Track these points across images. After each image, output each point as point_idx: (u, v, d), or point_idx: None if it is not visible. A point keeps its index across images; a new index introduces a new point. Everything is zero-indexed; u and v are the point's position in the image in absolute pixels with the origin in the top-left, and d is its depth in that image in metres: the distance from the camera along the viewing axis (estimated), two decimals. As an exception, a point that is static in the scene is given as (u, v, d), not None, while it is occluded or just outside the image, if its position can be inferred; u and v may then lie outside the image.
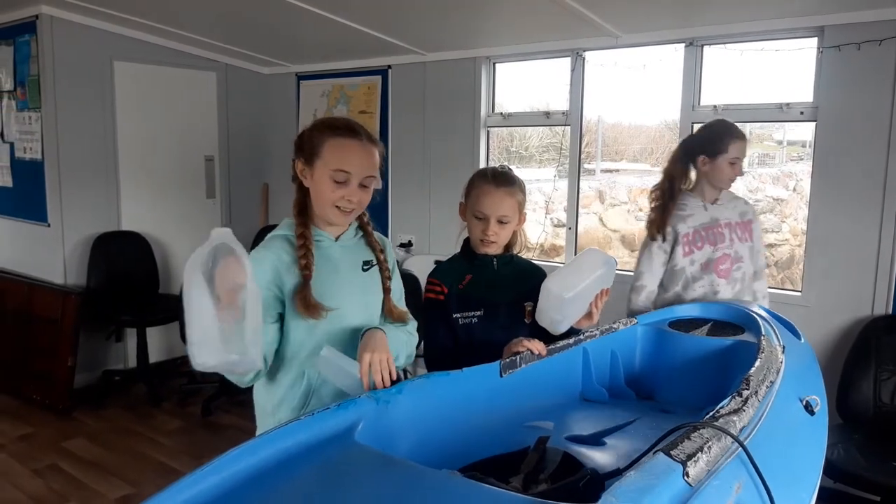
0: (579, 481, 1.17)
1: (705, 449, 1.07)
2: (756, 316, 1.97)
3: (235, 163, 5.27)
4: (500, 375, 1.56)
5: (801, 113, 3.20)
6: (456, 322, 1.84)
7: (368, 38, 3.95)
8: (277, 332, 1.61)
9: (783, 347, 1.70)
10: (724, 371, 1.78)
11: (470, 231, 1.90)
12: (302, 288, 1.55)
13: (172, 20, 4.22)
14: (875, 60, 2.91)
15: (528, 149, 8.42)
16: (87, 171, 4.45)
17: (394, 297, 1.73)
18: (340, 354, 1.47)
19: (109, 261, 4.47)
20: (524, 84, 4.53)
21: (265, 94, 5.34)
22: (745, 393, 1.34)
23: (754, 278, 2.58)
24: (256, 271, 1.59)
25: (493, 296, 1.86)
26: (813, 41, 3.12)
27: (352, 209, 1.59)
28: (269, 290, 1.58)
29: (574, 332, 1.80)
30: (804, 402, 1.56)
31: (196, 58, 4.90)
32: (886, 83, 2.91)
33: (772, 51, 3.23)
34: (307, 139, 1.60)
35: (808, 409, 1.56)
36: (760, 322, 1.88)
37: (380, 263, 1.70)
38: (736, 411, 1.26)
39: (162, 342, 4.79)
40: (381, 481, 1.13)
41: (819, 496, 1.44)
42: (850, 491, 2.64)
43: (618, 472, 1.18)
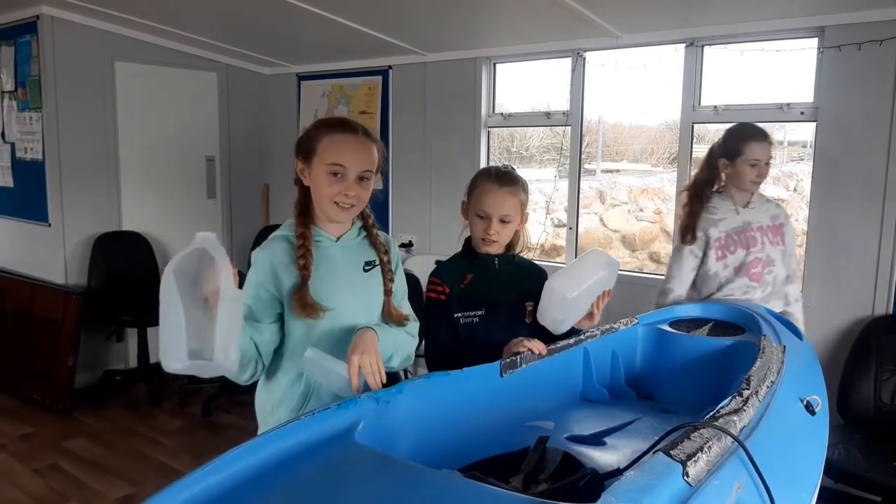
0: (579, 481, 1.17)
1: (705, 449, 1.07)
2: (757, 316, 1.97)
3: (236, 163, 5.27)
4: (501, 375, 1.56)
5: (802, 113, 3.20)
6: (457, 322, 1.84)
7: (369, 39, 3.95)
8: (277, 331, 1.61)
9: (784, 347, 1.70)
10: (725, 371, 1.78)
11: (472, 230, 1.90)
12: (299, 288, 1.55)
13: (173, 20, 4.23)
14: (876, 61, 2.91)
15: (529, 149, 8.43)
16: (88, 172, 4.45)
17: (395, 298, 1.72)
18: (326, 355, 1.46)
19: (110, 261, 4.47)
20: (525, 84, 4.53)
21: (266, 95, 5.34)
22: (746, 393, 1.34)
23: (786, 282, 2.57)
24: (255, 271, 1.60)
25: (495, 295, 1.86)
26: (813, 41, 3.12)
27: (350, 205, 1.59)
28: (268, 291, 1.58)
29: (575, 332, 1.80)
30: (805, 402, 1.56)
31: (197, 58, 4.90)
32: (887, 83, 2.91)
33: (772, 51, 3.23)
34: (305, 139, 1.62)
35: (809, 409, 1.56)
36: (761, 322, 1.88)
37: (382, 265, 1.69)
38: (736, 411, 1.26)
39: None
40: (381, 481, 1.13)
41: (819, 496, 1.44)
42: (851, 491, 2.64)
43: (618, 471, 1.18)
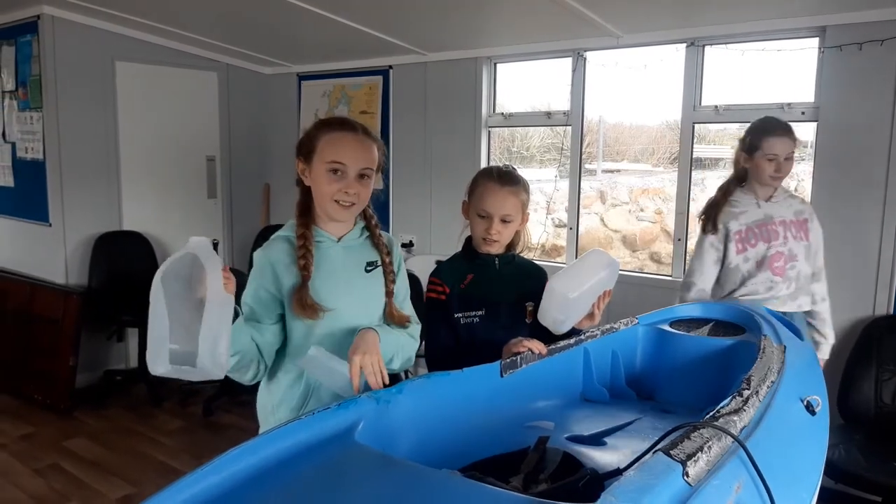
0: (579, 481, 1.17)
1: (705, 449, 1.07)
2: (757, 316, 1.97)
3: (237, 163, 5.27)
4: (501, 375, 1.56)
5: (803, 113, 3.20)
6: (457, 322, 1.84)
7: (369, 39, 3.95)
8: (279, 332, 1.61)
9: (784, 347, 1.70)
10: (725, 371, 1.78)
11: (472, 230, 1.90)
12: (300, 288, 1.55)
13: (173, 20, 4.23)
14: (876, 61, 2.91)
15: (530, 149, 8.42)
16: (89, 171, 4.46)
17: (397, 300, 1.72)
18: (330, 354, 1.46)
19: (111, 261, 4.48)
20: (525, 84, 4.52)
21: (266, 94, 5.34)
22: (746, 393, 1.34)
23: (812, 280, 2.56)
24: (256, 272, 1.60)
25: (495, 295, 1.86)
26: (814, 41, 3.12)
27: (351, 203, 1.59)
28: (268, 291, 1.58)
29: (575, 332, 1.79)
30: (805, 403, 1.55)
31: (197, 58, 4.90)
32: (888, 83, 2.91)
33: (773, 51, 3.23)
34: (305, 139, 1.62)
35: (809, 409, 1.55)
36: (761, 322, 1.88)
37: (384, 265, 1.69)
38: (736, 411, 1.25)
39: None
40: (381, 481, 1.13)
41: (820, 497, 1.44)
42: (851, 491, 2.64)
43: (617, 471, 1.18)
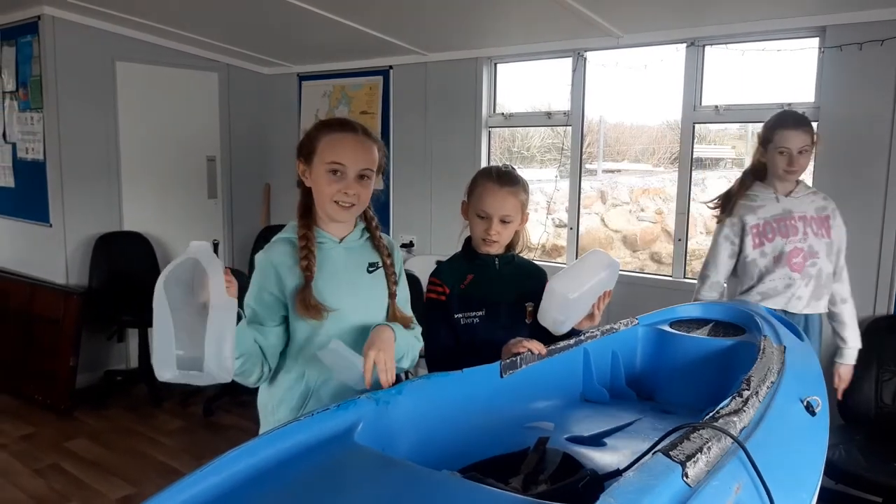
0: (579, 482, 1.17)
1: (705, 449, 1.07)
2: (757, 316, 1.97)
3: (237, 163, 5.28)
4: (501, 376, 1.56)
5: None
6: (458, 322, 1.84)
7: (370, 39, 3.95)
8: (282, 334, 1.62)
9: (784, 348, 1.70)
10: (725, 372, 1.77)
11: (472, 230, 1.89)
12: (303, 289, 1.56)
13: (174, 20, 4.23)
14: (877, 61, 2.91)
15: (530, 149, 8.42)
16: (89, 172, 4.46)
17: (399, 303, 1.72)
18: (348, 349, 1.48)
19: (111, 261, 4.48)
20: (526, 84, 4.53)
21: (267, 95, 5.34)
22: (746, 393, 1.34)
23: (833, 280, 2.50)
24: (258, 275, 1.60)
25: (495, 296, 1.86)
26: (814, 41, 3.12)
27: (350, 203, 1.59)
28: (272, 294, 1.59)
29: (575, 332, 1.79)
30: (805, 403, 1.55)
31: (197, 58, 4.90)
32: (888, 83, 2.91)
33: (773, 51, 3.23)
34: (306, 140, 1.63)
35: (809, 409, 1.55)
36: (761, 322, 1.88)
37: (386, 268, 1.69)
38: (736, 412, 1.25)
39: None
40: (381, 482, 1.13)
41: (820, 497, 1.44)
42: (852, 492, 2.63)
43: (617, 472, 1.18)
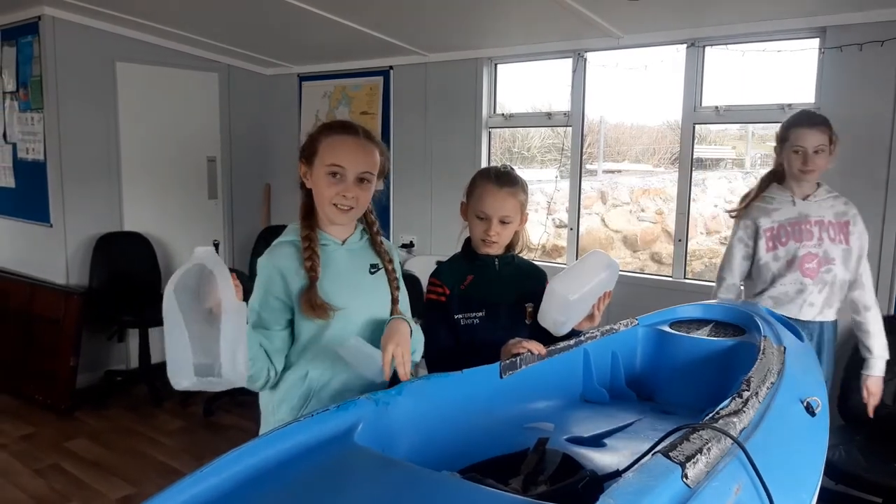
0: (578, 483, 1.17)
1: (704, 450, 1.07)
2: (757, 317, 1.97)
3: (237, 163, 5.28)
4: (501, 377, 1.56)
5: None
6: (458, 323, 1.84)
7: (370, 39, 3.95)
8: (287, 338, 1.62)
9: (784, 348, 1.70)
10: (725, 372, 1.77)
11: (471, 231, 1.90)
12: (308, 289, 1.56)
13: (174, 21, 4.23)
14: (877, 61, 2.91)
15: (530, 149, 8.43)
16: (90, 172, 4.46)
17: (401, 308, 1.73)
18: (367, 343, 1.51)
19: (112, 261, 4.48)
20: (526, 85, 4.53)
21: (267, 95, 5.35)
22: (746, 394, 1.34)
23: (853, 287, 2.44)
24: (262, 279, 1.60)
25: (495, 296, 1.86)
26: (815, 42, 3.12)
27: (349, 206, 1.60)
28: (277, 298, 1.59)
29: (575, 333, 1.79)
30: (805, 404, 1.55)
31: (198, 59, 4.90)
32: (888, 84, 2.91)
33: (773, 51, 3.23)
34: (308, 142, 1.63)
35: (809, 410, 1.55)
36: (761, 323, 1.87)
37: (388, 273, 1.71)
38: (736, 412, 1.25)
39: (164, 343, 4.78)
40: (381, 482, 1.13)
41: (820, 497, 1.44)
42: (852, 492, 2.63)
43: (617, 473, 1.18)
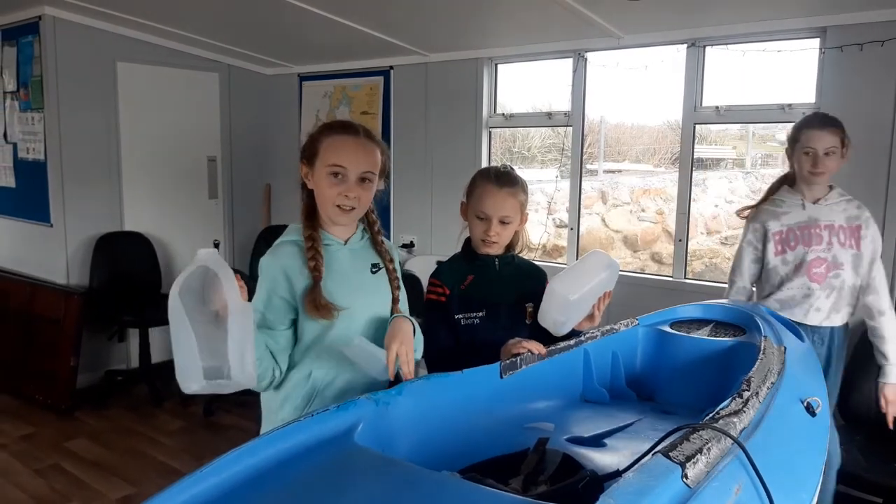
0: (578, 483, 1.17)
1: (704, 450, 1.07)
2: (757, 317, 1.97)
3: (238, 163, 5.28)
4: (501, 377, 1.56)
5: (804, 114, 3.16)
6: (458, 323, 1.84)
7: (370, 39, 3.95)
8: (291, 337, 1.62)
9: (784, 348, 1.70)
10: (726, 372, 1.77)
11: (471, 231, 1.90)
12: (312, 289, 1.56)
13: (175, 21, 4.23)
14: (877, 61, 2.91)
15: (531, 149, 8.43)
16: (90, 172, 4.46)
17: (401, 308, 1.74)
18: (370, 343, 1.52)
19: (112, 261, 4.48)
20: (526, 85, 4.53)
21: (267, 95, 5.35)
22: (746, 394, 1.34)
23: (866, 292, 2.40)
24: (266, 279, 1.60)
25: (495, 296, 1.86)
26: (815, 42, 3.12)
27: (351, 207, 1.60)
28: (282, 298, 1.59)
29: (575, 333, 1.79)
30: (805, 404, 1.55)
31: (198, 58, 4.90)
32: (889, 84, 2.91)
33: (774, 51, 3.23)
34: (309, 142, 1.63)
35: (809, 410, 1.55)
36: (762, 323, 1.87)
37: (389, 273, 1.71)
38: (736, 412, 1.25)
39: (164, 342, 4.77)
40: (381, 482, 1.13)
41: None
42: (852, 492, 2.63)
43: (617, 473, 1.18)
